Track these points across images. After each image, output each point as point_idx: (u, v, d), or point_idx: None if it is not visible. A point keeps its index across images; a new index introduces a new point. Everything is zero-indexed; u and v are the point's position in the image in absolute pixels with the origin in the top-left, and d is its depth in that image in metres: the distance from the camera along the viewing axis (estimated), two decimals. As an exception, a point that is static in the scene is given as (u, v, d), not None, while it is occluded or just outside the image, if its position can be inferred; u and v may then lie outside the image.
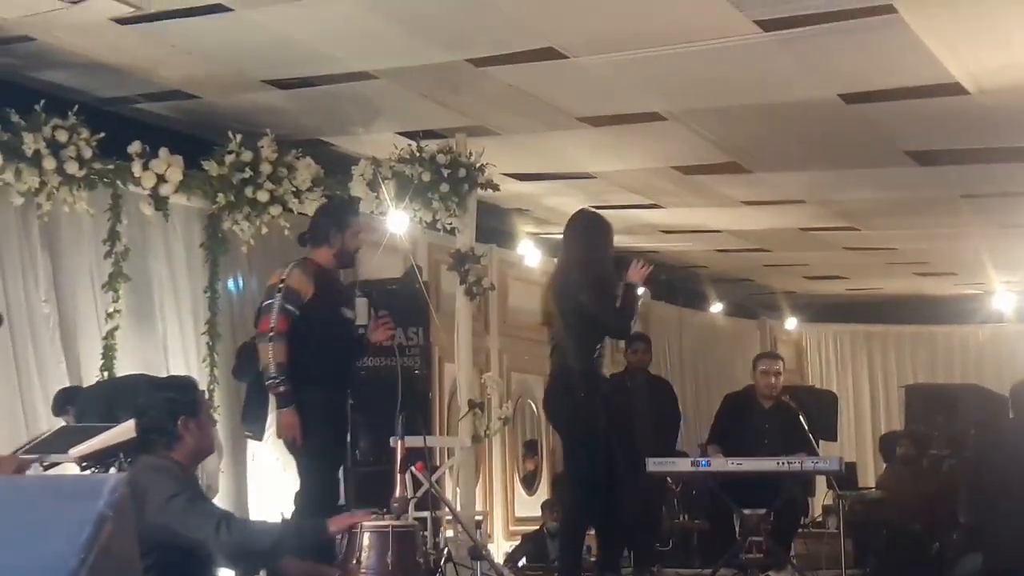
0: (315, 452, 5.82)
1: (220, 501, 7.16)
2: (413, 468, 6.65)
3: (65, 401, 6.88)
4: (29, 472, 5.79)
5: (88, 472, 5.74)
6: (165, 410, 4.26)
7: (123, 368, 7.49)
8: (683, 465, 8.60)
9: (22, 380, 7.19)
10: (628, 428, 8.35)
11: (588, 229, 6.55)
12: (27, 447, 6.15)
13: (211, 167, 8.11)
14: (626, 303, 6.42)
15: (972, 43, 7.07)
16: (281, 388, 5.69)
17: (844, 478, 9.63)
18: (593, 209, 7.06)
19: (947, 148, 9.33)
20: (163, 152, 7.81)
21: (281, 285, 5.76)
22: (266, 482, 8.34)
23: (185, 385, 4.43)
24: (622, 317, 6.41)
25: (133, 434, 5.31)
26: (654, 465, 8.06)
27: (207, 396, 7.62)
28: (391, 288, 8.58)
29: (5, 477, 4.93)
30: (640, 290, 6.48)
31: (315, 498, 5.71)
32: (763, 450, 7.86)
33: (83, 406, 6.67)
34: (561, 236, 6.82)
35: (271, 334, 5.70)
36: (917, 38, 6.90)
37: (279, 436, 5.80)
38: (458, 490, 8.65)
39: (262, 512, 8.02)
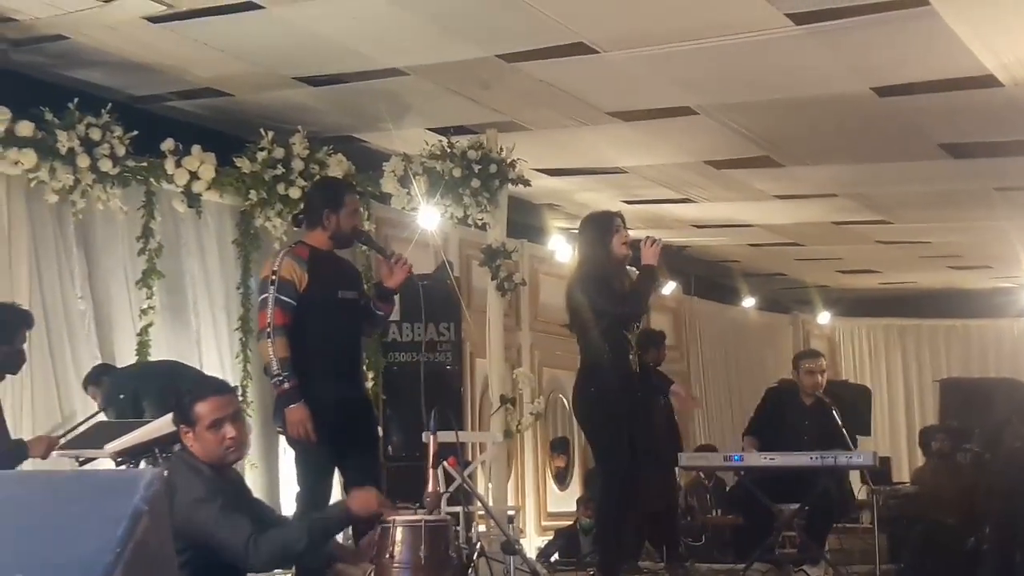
0: (308, 455, 5.50)
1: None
2: (445, 463, 6.65)
3: (97, 375, 6.95)
4: (63, 465, 5.86)
5: (123, 467, 5.80)
6: (174, 415, 4.26)
7: (157, 364, 7.55)
8: (715, 460, 8.58)
9: (58, 376, 7.24)
10: (649, 424, 8.32)
11: (583, 232, 6.57)
12: (60, 434, 6.21)
13: (243, 164, 8.15)
14: (637, 286, 6.41)
15: (1005, 35, 7.02)
16: (286, 385, 5.36)
17: (878, 473, 9.58)
18: (596, 212, 7.00)
19: (981, 141, 9.26)
20: (196, 149, 7.87)
21: (273, 277, 5.45)
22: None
23: (181, 397, 4.27)
24: (628, 302, 6.38)
25: (167, 430, 5.35)
26: (687, 460, 8.05)
27: (239, 393, 7.64)
28: (423, 284, 8.59)
29: (42, 472, 4.99)
30: (669, 287, 6.43)
31: (309, 503, 5.39)
32: (803, 446, 7.78)
33: (112, 385, 6.74)
34: None
35: (268, 330, 5.39)
36: (950, 30, 6.85)
37: (289, 434, 5.42)
38: (490, 485, 8.65)
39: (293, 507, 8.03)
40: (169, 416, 5.20)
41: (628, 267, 6.54)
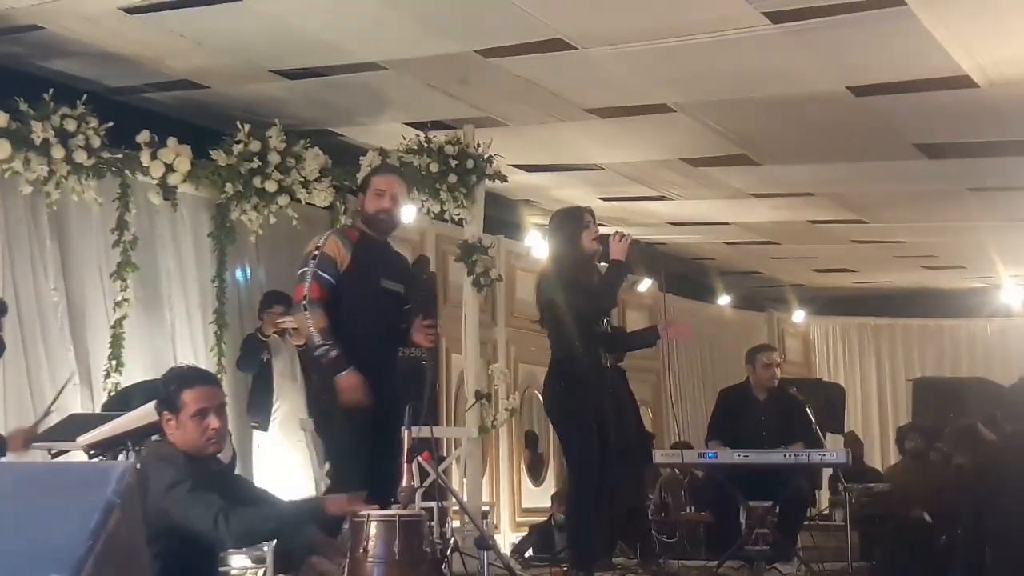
0: (342, 432, 5.43)
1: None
2: (420, 458, 6.64)
3: None
4: (36, 457, 5.83)
5: (96, 460, 5.77)
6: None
7: (131, 356, 7.52)
8: (690, 457, 8.59)
9: (31, 368, 7.22)
10: (620, 418, 8.32)
11: (554, 228, 6.59)
12: (36, 421, 6.19)
13: (219, 157, 8.12)
14: (607, 281, 6.43)
15: (981, 36, 7.06)
16: (332, 353, 5.30)
17: (851, 471, 9.62)
18: (566, 207, 7.00)
19: (956, 141, 9.31)
20: (171, 142, 7.83)
21: (316, 252, 5.46)
22: (271, 472, 8.34)
23: (169, 378, 4.25)
24: (597, 297, 6.41)
25: (140, 423, 5.34)
26: (661, 456, 8.04)
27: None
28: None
29: (14, 464, 4.96)
30: (646, 283, 6.43)
31: (344, 479, 5.33)
32: (762, 442, 7.84)
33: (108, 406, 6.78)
34: None
35: (304, 302, 5.38)
36: (926, 30, 6.88)
37: (342, 401, 5.30)
38: (465, 480, 8.65)
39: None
40: (142, 409, 5.19)
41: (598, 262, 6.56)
